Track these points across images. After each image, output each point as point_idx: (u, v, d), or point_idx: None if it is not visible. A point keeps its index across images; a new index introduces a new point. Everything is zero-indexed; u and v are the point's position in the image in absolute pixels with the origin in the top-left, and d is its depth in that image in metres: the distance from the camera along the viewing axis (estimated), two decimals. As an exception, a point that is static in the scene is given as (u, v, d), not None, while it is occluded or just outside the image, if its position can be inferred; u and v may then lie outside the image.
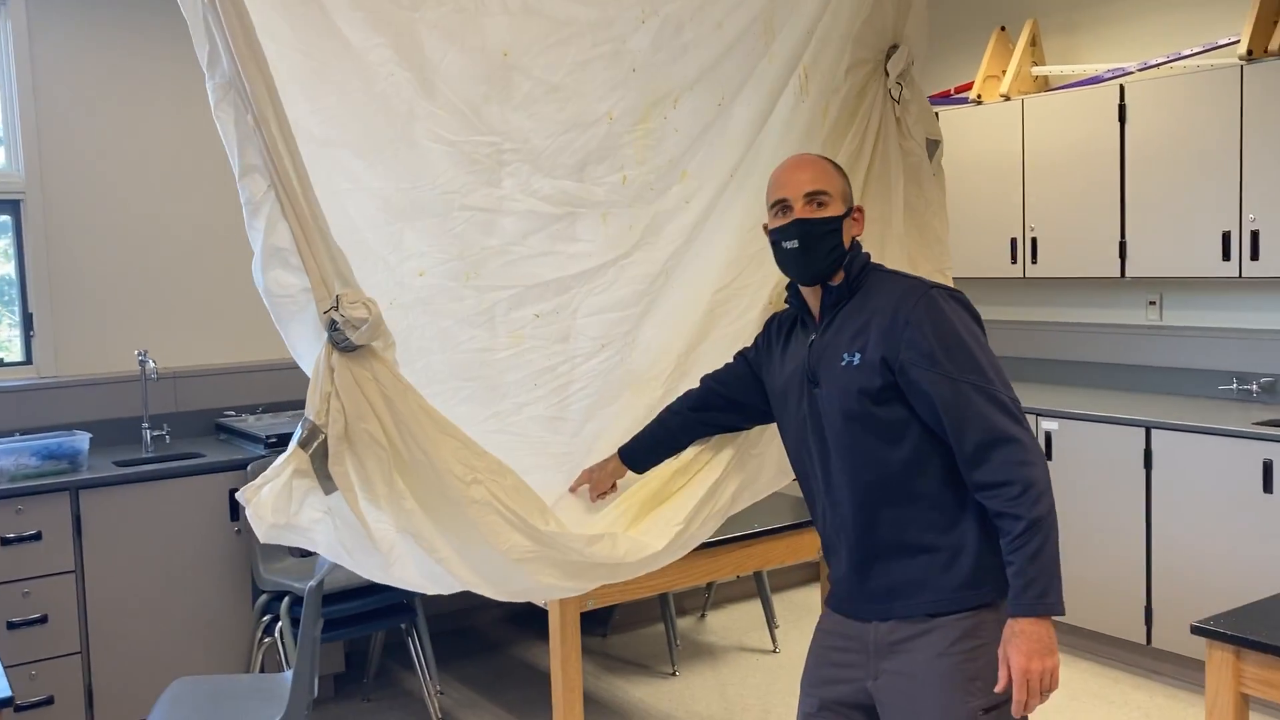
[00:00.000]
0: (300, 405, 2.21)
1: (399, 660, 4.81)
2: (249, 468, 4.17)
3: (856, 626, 2.28)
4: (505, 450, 2.68)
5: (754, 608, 5.42)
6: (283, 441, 4.27)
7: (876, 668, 2.23)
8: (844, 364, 2.21)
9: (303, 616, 3.04)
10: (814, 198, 2.25)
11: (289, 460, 2.14)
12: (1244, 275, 4.32)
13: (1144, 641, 4.40)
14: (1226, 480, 4.11)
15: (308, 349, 2.29)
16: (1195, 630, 2.33)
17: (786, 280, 2.41)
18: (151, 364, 4.48)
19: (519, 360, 2.77)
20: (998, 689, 2.09)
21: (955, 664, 2.14)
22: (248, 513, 2.16)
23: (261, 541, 2.22)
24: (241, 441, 4.52)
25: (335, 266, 2.21)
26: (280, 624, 3.97)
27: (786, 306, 2.46)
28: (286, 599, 3.98)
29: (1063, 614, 2.09)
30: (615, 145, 2.69)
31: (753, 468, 2.73)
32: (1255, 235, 4.26)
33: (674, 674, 4.67)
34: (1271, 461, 3.97)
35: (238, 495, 2.19)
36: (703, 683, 4.58)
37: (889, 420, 2.18)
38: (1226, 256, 4.36)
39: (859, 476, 2.22)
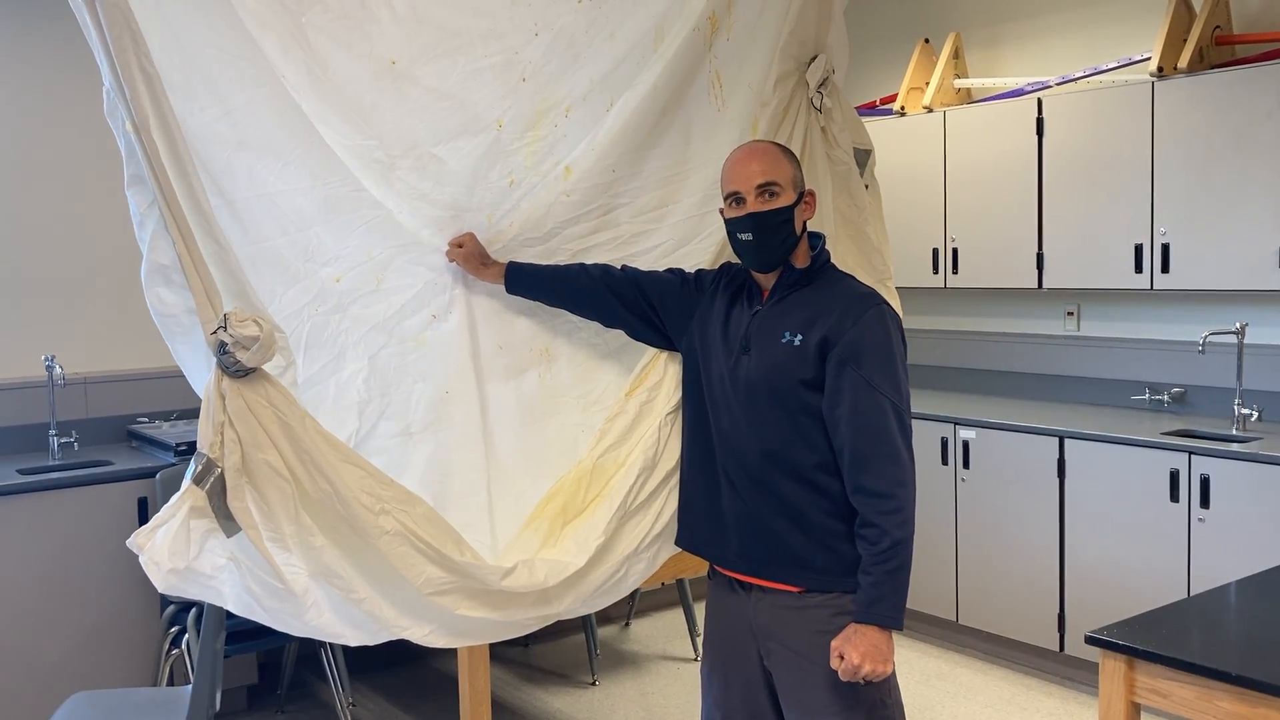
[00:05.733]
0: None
1: (314, 671, 4.73)
2: (158, 476, 4.08)
3: (734, 603, 2.45)
4: (419, 477, 2.60)
5: (678, 616, 5.41)
6: (194, 449, 4.17)
7: (765, 647, 2.40)
8: (784, 341, 2.34)
9: (203, 628, 2.98)
10: (765, 189, 2.35)
11: (183, 498, 2.02)
12: (1155, 288, 4.40)
13: (1057, 648, 4.46)
14: (1136, 489, 4.18)
15: (197, 370, 2.21)
16: (1089, 640, 2.36)
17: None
18: (59, 369, 4.36)
19: (428, 363, 2.68)
20: (833, 666, 2.25)
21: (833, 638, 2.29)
22: (141, 560, 2.02)
23: (160, 591, 2.09)
24: (153, 449, 4.42)
25: (235, 283, 2.10)
26: (188, 636, 3.88)
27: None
28: (194, 610, 3.89)
29: (901, 629, 2.27)
30: (505, 152, 2.66)
31: (672, 476, 2.66)
32: (1166, 248, 4.34)
33: (594, 683, 4.65)
34: (1178, 471, 4.04)
35: (129, 543, 2.05)
36: (623, 692, 4.56)
37: (807, 405, 2.32)
38: (1139, 269, 4.44)
39: (766, 444, 2.34)
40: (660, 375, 2.67)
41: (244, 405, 2.04)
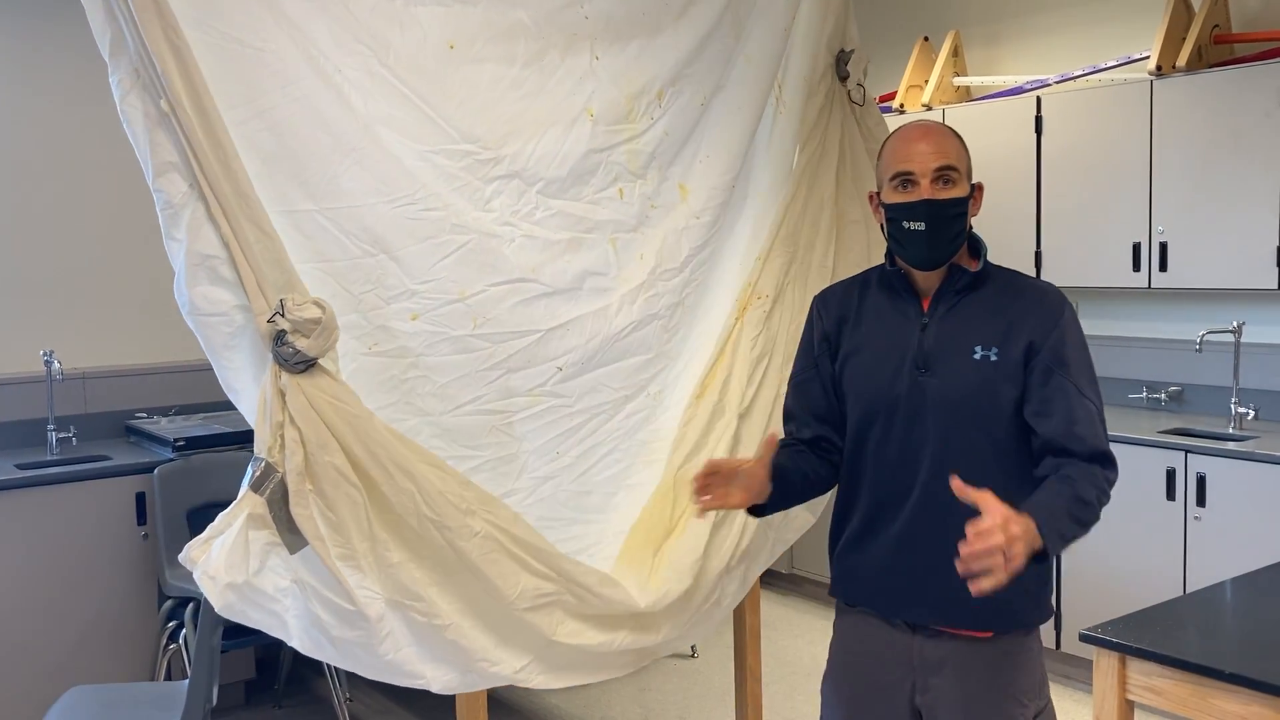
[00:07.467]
0: (216, 407, 1.97)
1: (311, 666, 4.73)
2: (156, 471, 4.08)
3: (895, 637, 2.16)
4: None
5: (675, 612, 5.41)
6: (192, 445, 4.18)
7: (925, 682, 2.13)
8: (977, 357, 2.06)
9: (200, 623, 2.97)
10: (943, 174, 2.07)
11: (240, 506, 1.83)
12: (1153, 286, 4.41)
13: (1053, 645, 4.46)
14: (1132, 488, 4.18)
15: (247, 380, 1.97)
16: (1083, 637, 2.36)
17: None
18: (57, 364, 4.37)
19: (539, 424, 2.37)
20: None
21: (1010, 678, 2.14)
22: (196, 576, 1.83)
23: (218, 612, 1.87)
24: (151, 444, 4.42)
25: (283, 275, 1.89)
26: (185, 631, 3.89)
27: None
28: (192, 605, 3.89)
29: (1045, 552, 1.92)
30: (605, 148, 2.44)
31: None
32: (1164, 247, 4.34)
33: (591, 679, 4.65)
34: (1174, 469, 4.05)
35: (181, 558, 1.86)
36: (620, 688, 4.56)
37: (1013, 428, 2.07)
38: (1137, 267, 4.44)
39: (962, 477, 1.98)
40: (727, 371, 2.49)
41: (306, 402, 1.84)
